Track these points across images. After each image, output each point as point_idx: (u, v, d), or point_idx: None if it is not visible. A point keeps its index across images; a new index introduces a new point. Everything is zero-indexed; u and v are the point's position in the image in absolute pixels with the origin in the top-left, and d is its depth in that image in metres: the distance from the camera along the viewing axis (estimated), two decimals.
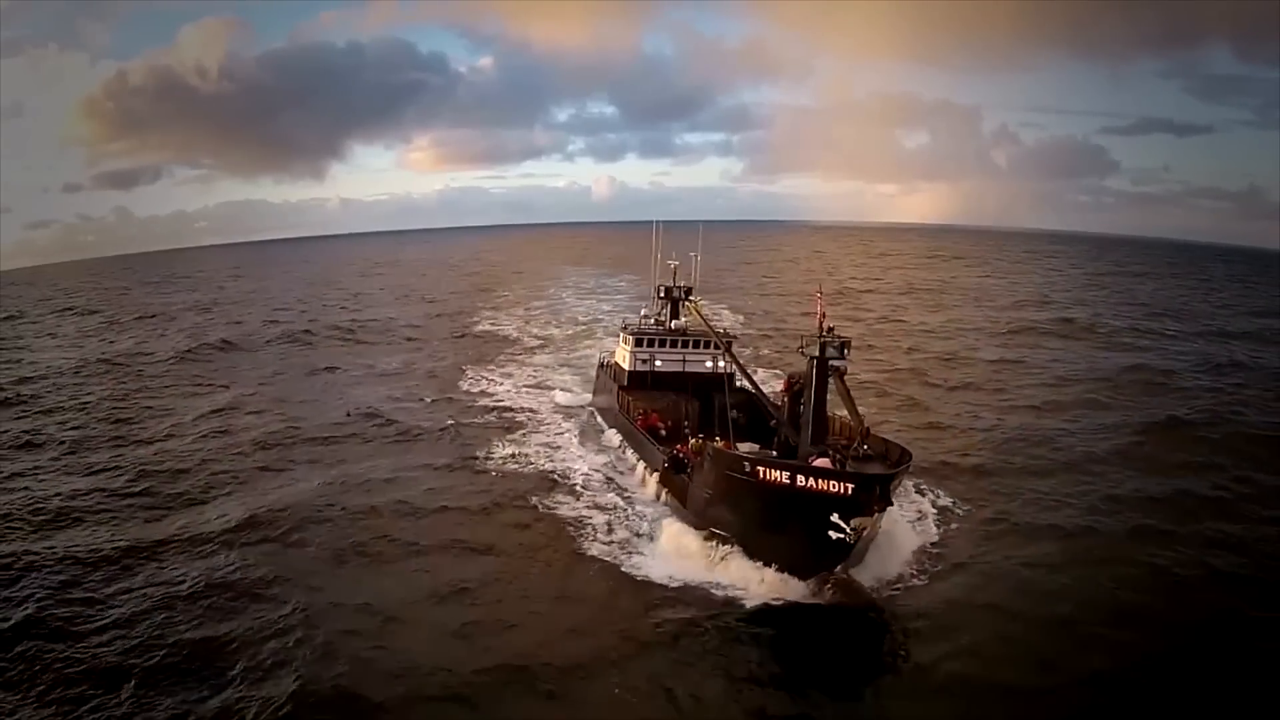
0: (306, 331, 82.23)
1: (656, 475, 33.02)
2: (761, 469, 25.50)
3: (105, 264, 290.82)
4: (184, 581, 25.93)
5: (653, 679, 20.90)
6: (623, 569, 26.90)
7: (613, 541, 29.03)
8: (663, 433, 36.95)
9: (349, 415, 47.05)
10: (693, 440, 32.91)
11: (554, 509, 32.14)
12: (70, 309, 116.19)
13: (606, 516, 31.23)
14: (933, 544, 28.43)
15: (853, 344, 28.53)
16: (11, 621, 23.31)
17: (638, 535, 29.48)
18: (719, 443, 30.71)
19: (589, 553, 28.29)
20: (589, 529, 30.07)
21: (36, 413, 50.28)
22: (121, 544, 29.10)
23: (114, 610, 24.14)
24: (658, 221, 47.68)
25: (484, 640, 22.67)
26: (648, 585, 25.75)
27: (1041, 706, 19.83)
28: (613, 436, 40.76)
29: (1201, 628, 23.34)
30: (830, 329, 28.03)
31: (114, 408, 50.90)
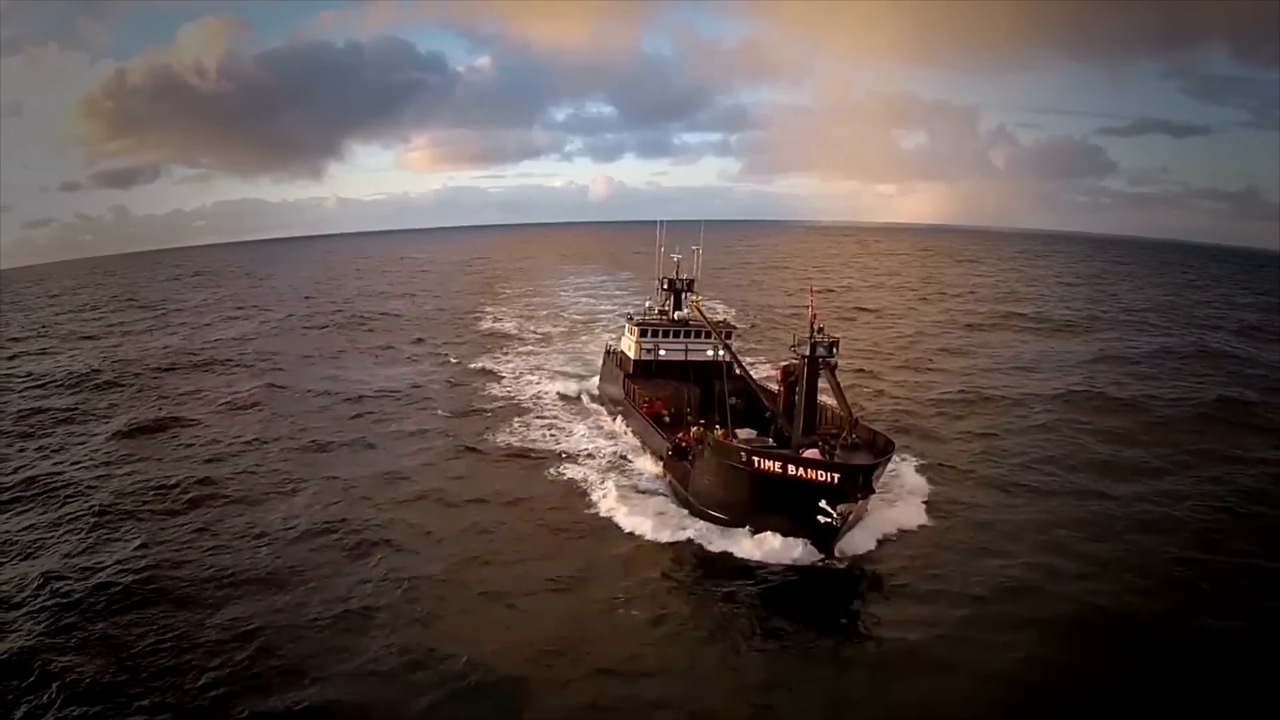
0: (322, 326, 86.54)
1: (661, 461, 35.55)
2: (756, 459, 28.27)
3: (106, 263, 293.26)
4: (282, 528, 30.37)
5: (644, 596, 25.56)
6: (616, 518, 31.29)
7: (607, 496, 33.31)
8: (666, 419, 39.24)
9: (366, 398, 51.64)
10: (694, 428, 35.21)
11: (564, 474, 36.46)
12: (89, 305, 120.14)
13: (608, 479, 35.36)
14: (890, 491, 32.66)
15: (842, 339, 31.41)
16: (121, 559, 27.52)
17: (637, 491, 34.00)
18: (719, 431, 33.17)
19: (594, 500, 33.05)
20: (594, 487, 34.40)
21: (87, 391, 54.52)
22: (183, 498, 33.55)
23: (209, 556, 28.50)
24: (661, 221, 50.83)
25: (511, 569, 27.30)
26: (642, 530, 30.09)
27: (971, 610, 24.17)
28: (619, 421, 43.40)
29: (1117, 557, 27.60)
30: (820, 329, 30.70)
31: (160, 395, 54.72)
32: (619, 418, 43.78)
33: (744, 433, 34.21)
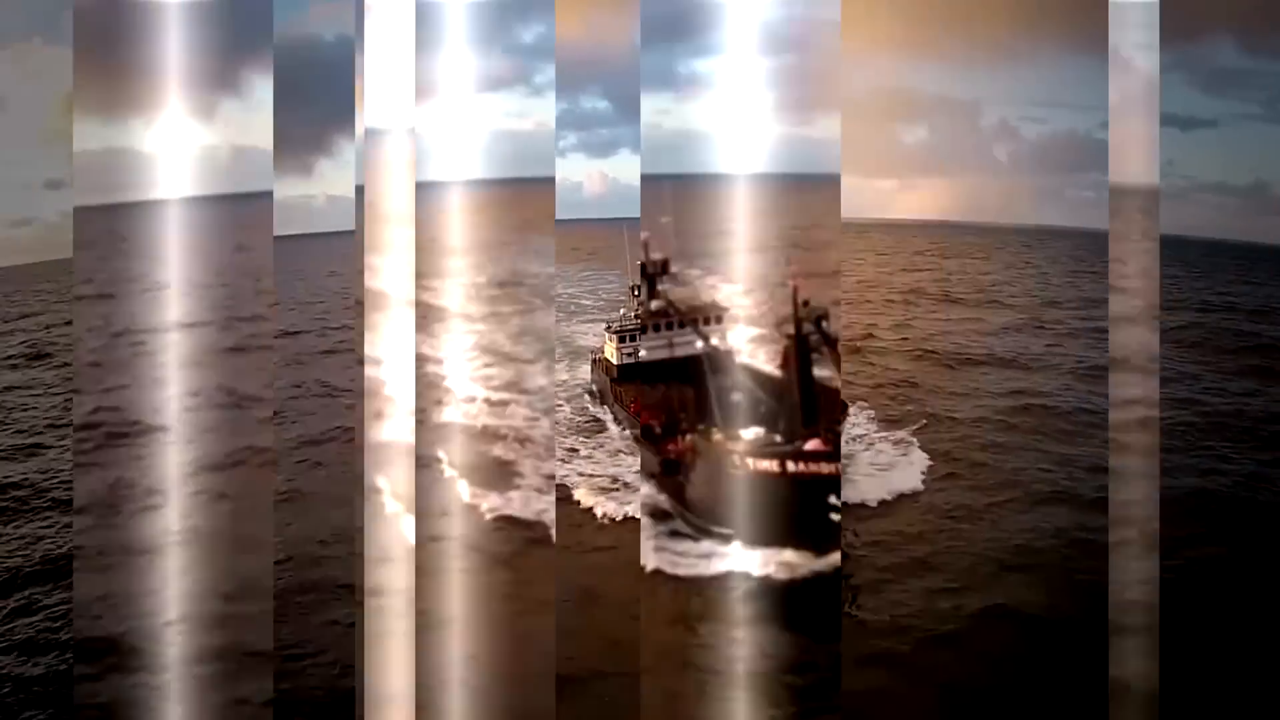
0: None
1: (651, 479, 31.01)
2: (751, 460, 25.26)
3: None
4: None
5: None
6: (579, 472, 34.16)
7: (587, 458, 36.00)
8: (657, 431, 33.09)
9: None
10: (685, 438, 30.04)
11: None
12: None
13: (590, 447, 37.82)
14: None
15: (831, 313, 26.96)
16: None
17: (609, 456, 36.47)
18: (716, 436, 28.24)
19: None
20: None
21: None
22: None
23: None
24: (625, 225, 42.96)
25: None
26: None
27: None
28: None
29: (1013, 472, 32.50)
30: (805, 302, 26.02)
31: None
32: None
33: (749, 433, 28.87)
